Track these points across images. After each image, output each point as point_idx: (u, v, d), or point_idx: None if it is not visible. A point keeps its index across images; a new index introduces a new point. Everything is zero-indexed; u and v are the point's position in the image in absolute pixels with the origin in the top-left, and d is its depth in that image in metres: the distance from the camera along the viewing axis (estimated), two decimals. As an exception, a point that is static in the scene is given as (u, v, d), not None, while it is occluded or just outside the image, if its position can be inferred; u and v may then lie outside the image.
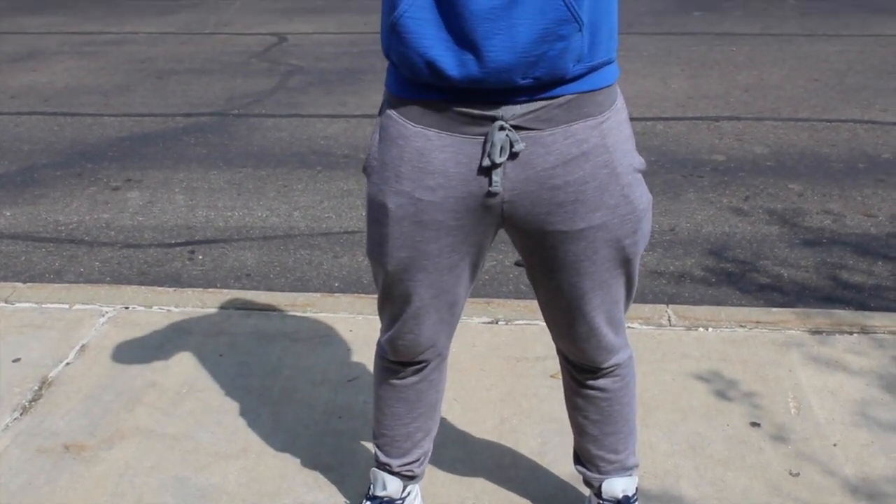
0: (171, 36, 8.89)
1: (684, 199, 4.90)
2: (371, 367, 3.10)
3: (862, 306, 3.82)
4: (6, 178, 5.43)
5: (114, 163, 5.61)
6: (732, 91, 6.74)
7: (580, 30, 1.81)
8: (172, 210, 4.91)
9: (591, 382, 2.18)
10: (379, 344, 2.24)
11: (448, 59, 1.82)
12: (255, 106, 6.60)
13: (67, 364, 3.18)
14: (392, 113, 2.00)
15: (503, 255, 4.28)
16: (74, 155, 5.75)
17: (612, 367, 2.15)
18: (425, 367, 2.21)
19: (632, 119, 6.01)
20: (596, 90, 1.93)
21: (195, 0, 10.57)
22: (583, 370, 2.17)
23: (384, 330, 2.17)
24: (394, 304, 2.10)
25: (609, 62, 1.94)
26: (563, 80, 1.86)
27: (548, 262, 2.03)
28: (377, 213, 2.04)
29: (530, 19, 1.77)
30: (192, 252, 4.45)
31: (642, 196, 2.02)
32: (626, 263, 2.04)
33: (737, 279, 4.08)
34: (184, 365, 3.16)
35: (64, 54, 8.29)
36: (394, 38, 1.86)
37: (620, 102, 2.01)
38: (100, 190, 5.21)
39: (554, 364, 3.07)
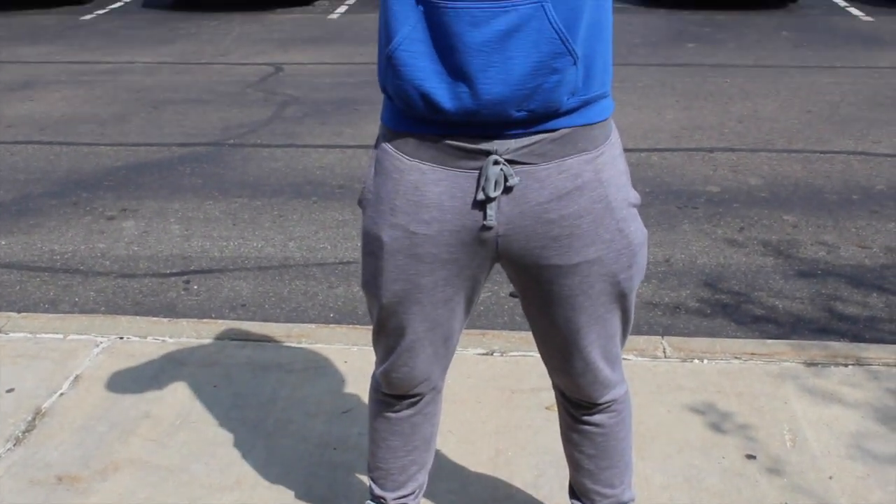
0: (168, 66, 8.92)
1: (679, 230, 4.91)
2: (366, 399, 3.10)
3: (857, 338, 3.83)
4: (2, 207, 5.43)
5: (109, 192, 5.61)
6: (727, 122, 6.77)
7: (574, 63, 1.82)
8: (168, 240, 4.92)
9: (586, 418, 2.17)
10: (374, 377, 2.24)
11: (443, 91, 1.83)
12: (250, 136, 6.62)
13: (61, 395, 3.17)
14: (387, 146, 2.00)
15: (498, 286, 4.29)
16: (70, 184, 5.75)
17: (608, 402, 2.15)
18: (420, 400, 2.21)
19: (627, 150, 6.03)
20: (590, 124, 1.94)
21: (192, 30, 10.61)
22: (579, 405, 2.17)
23: (379, 363, 2.17)
24: (388, 337, 2.10)
25: (603, 96, 1.95)
26: (557, 114, 1.87)
27: (543, 297, 2.03)
28: (372, 246, 2.04)
29: (524, 52, 1.79)
30: (188, 282, 4.45)
31: (637, 230, 2.03)
32: (621, 298, 2.04)
33: (732, 310, 4.08)
34: (178, 396, 3.15)
35: (61, 83, 8.32)
36: (389, 70, 1.87)
37: (615, 137, 2.02)
38: (95, 219, 5.21)
39: (549, 396, 3.07)
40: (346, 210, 5.18)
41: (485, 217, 1.94)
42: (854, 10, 11.08)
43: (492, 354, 3.41)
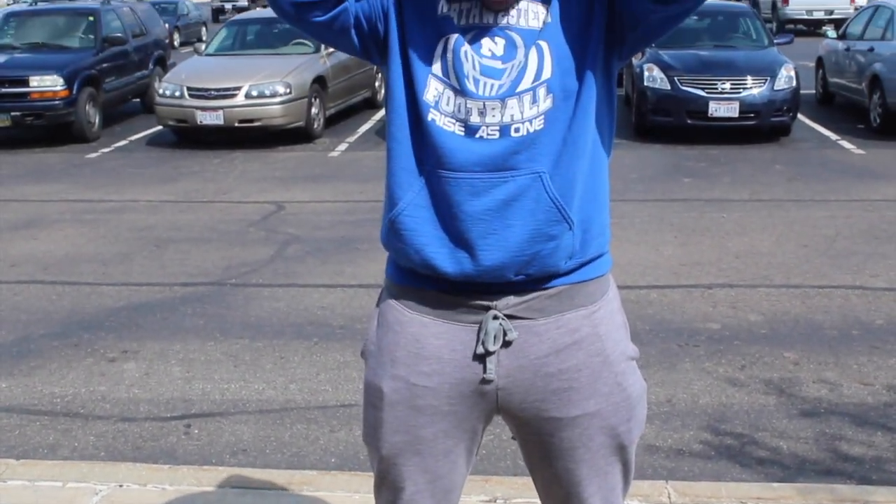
0: (171, 204, 9.04)
1: (680, 368, 4.91)
2: (368, 549, 3.05)
3: (863, 479, 3.79)
4: (3, 348, 5.44)
5: (111, 333, 5.63)
6: (724, 258, 6.83)
7: (571, 229, 1.88)
8: (169, 382, 4.91)
9: (590, 568, 2.15)
10: (376, 530, 2.22)
11: (444, 256, 1.88)
12: (252, 275, 6.67)
13: (59, 548, 3.13)
14: (390, 299, 2.05)
15: (500, 428, 4.26)
16: (72, 325, 5.77)
17: (611, 553, 2.12)
18: (423, 554, 2.18)
19: (626, 287, 6.07)
20: (588, 280, 1.99)
21: (195, 168, 10.79)
22: (580, 557, 2.14)
23: (381, 516, 2.15)
24: (389, 490, 2.10)
25: (601, 255, 2.00)
26: (555, 275, 1.92)
27: (543, 449, 2.04)
28: (373, 398, 2.06)
29: (522, 220, 1.85)
30: (188, 426, 4.42)
31: (636, 383, 2.05)
32: (621, 450, 2.05)
33: (736, 452, 4.05)
34: (177, 548, 3.11)
35: (65, 222, 8.41)
36: (392, 234, 1.93)
37: (613, 292, 2.06)
38: (96, 361, 5.21)
39: (553, 545, 3.02)
40: (348, 351, 5.19)
41: (484, 370, 1.97)
42: (846, 144, 11.28)
43: (495, 502, 3.37)
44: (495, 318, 1.93)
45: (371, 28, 1.91)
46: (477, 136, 1.85)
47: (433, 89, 1.87)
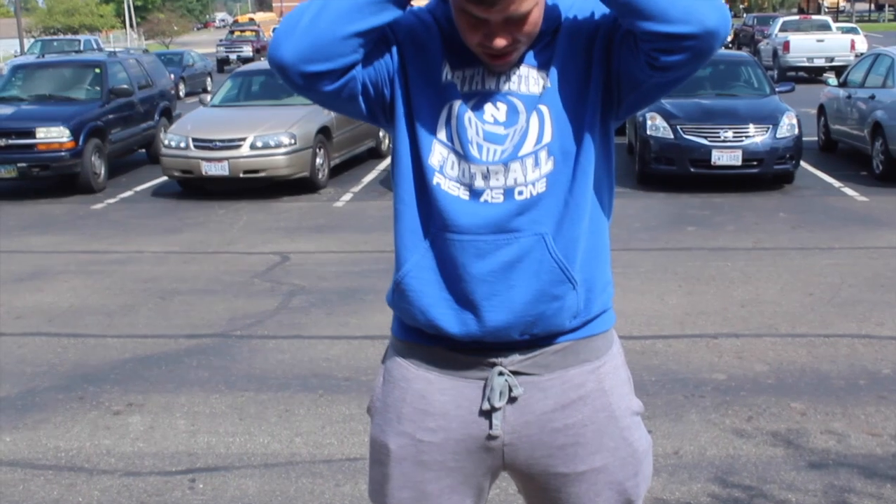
0: (176, 255, 9.06)
1: (687, 420, 4.89)
2: None
3: (872, 533, 3.76)
4: (7, 401, 5.43)
5: (116, 386, 5.62)
6: (730, 307, 6.83)
7: (574, 288, 1.90)
8: (173, 436, 4.89)
9: None
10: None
11: (449, 317, 1.91)
12: (257, 327, 6.67)
13: None
14: (395, 356, 2.07)
15: (506, 482, 4.23)
16: (77, 378, 5.76)
17: None
18: None
19: (631, 338, 6.07)
20: (592, 336, 2.01)
21: (200, 219, 10.83)
22: None
23: (388, 576, 2.14)
24: (396, 549, 2.09)
25: (605, 311, 2.02)
26: (560, 333, 1.95)
27: (551, 506, 2.05)
28: (379, 454, 2.07)
29: (526, 281, 1.87)
30: (193, 480, 4.40)
31: (641, 438, 2.06)
32: (628, 506, 2.06)
33: (744, 505, 4.02)
34: None
35: (69, 273, 8.43)
36: (398, 294, 1.96)
37: (617, 347, 2.08)
38: (101, 414, 5.20)
39: None
40: (353, 404, 5.18)
41: (490, 426, 1.99)
42: (849, 191, 11.31)
43: (501, 557, 3.34)
44: (501, 374, 1.96)
45: (378, 93, 1.93)
46: (481, 199, 1.87)
47: (438, 154, 1.90)
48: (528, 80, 1.91)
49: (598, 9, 1.89)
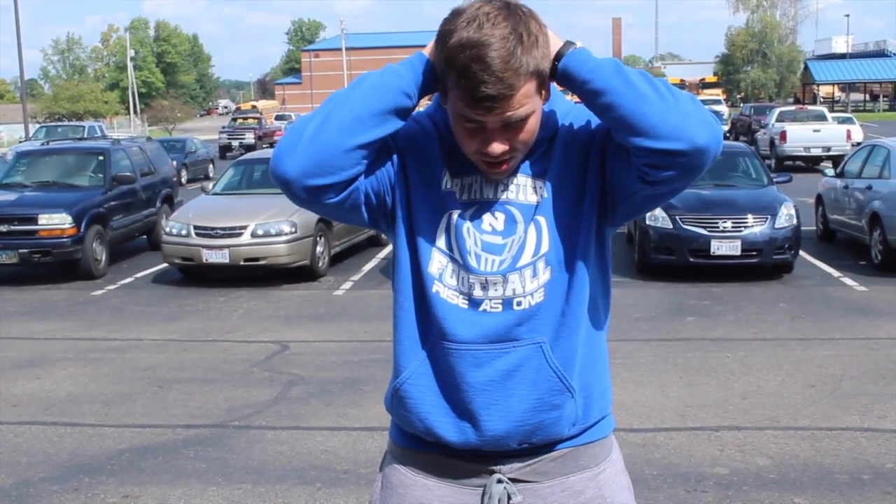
0: (175, 343, 9.04)
1: (689, 515, 4.84)
2: None
3: None
4: (2, 492, 5.37)
5: (112, 477, 5.56)
6: (730, 399, 6.79)
7: (573, 397, 1.90)
8: (169, 530, 4.83)
9: None
10: None
11: (447, 426, 1.90)
12: (255, 417, 6.62)
13: None
14: (394, 462, 2.06)
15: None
16: (72, 468, 5.71)
17: None
18: None
19: (632, 430, 6.02)
20: (591, 442, 2.00)
21: (199, 306, 10.82)
22: None
23: None
24: None
25: (604, 417, 2.01)
26: (559, 441, 1.94)
27: None
28: (379, 560, 2.05)
29: (524, 390, 1.87)
30: (188, 577, 4.34)
31: (645, 545, 2.04)
32: None
33: None
34: None
35: (68, 361, 8.40)
36: (396, 401, 1.95)
37: (616, 453, 2.07)
38: (96, 507, 5.14)
39: None
40: (351, 497, 5.12)
41: (490, 534, 1.96)
42: (848, 280, 11.33)
43: None
44: (499, 481, 1.94)
45: (380, 201, 1.94)
46: (480, 309, 1.88)
47: (437, 262, 1.90)
48: (526, 189, 1.92)
49: (594, 118, 1.91)
